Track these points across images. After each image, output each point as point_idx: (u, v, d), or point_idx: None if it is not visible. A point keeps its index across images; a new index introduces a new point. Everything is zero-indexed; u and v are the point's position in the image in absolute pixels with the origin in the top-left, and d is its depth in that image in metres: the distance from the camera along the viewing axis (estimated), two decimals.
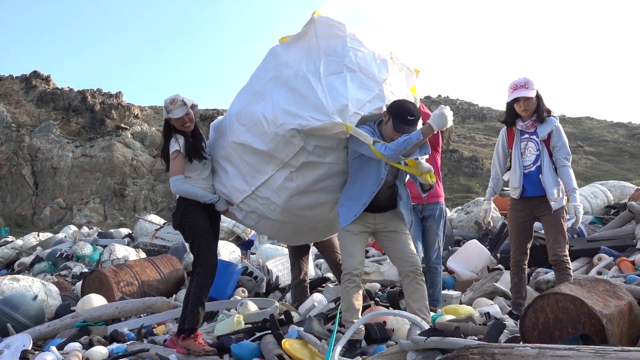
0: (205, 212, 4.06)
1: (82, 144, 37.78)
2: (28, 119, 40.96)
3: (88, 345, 4.30)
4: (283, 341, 3.53)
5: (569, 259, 4.21)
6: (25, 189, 35.84)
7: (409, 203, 3.88)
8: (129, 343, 4.30)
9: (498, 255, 6.55)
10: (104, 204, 34.69)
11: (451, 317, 4.10)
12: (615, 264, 5.50)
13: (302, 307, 4.77)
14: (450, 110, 3.55)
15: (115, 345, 4.24)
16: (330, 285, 5.82)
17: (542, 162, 4.21)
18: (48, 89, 44.70)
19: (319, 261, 7.77)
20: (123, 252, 8.15)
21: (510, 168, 4.42)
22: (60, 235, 12.23)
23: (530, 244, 4.47)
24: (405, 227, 3.84)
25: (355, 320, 3.58)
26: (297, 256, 5.04)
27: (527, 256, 4.45)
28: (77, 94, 43.86)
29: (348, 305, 3.64)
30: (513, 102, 4.24)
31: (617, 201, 8.65)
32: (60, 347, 4.22)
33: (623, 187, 9.23)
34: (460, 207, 9.93)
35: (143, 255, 8.41)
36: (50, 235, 12.84)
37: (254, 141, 3.84)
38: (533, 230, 4.48)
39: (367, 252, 8.19)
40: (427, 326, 3.34)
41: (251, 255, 8.98)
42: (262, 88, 3.94)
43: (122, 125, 40.12)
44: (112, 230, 13.08)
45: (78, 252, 9.37)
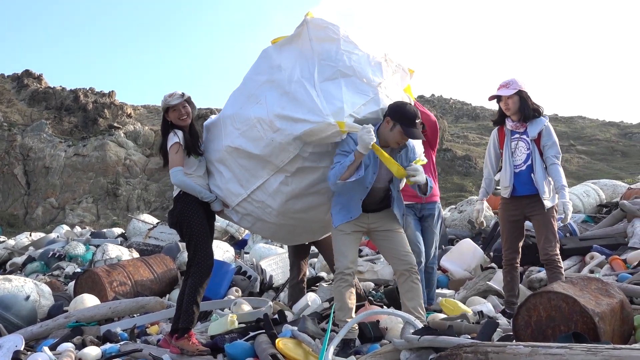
0: (204, 210, 4.05)
1: (74, 143, 37.54)
2: (20, 118, 40.67)
3: (81, 346, 4.29)
4: (277, 341, 3.52)
5: (560, 257, 4.23)
6: (17, 188, 35.60)
7: (401, 206, 3.88)
8: (122, 343, 4.28)
9: (491, 254, 6.58)
10: (97, 204, 34.51)
11: (444, 315, 4.12)
12: (607, 262, 5.52)
13: (296, 306, 4.77)
14: (367, 129, 3.40)
15: (108, 346, 4.23)
16: (324, 285, 5.83)
17: (534, 161, 4.23)
18: (40, 88, 44.38)
19: (313, 260, 7.77)
20: (116, 251, 8.12)
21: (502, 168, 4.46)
22: (53, 235, 12.17)
23: (522, 243, 4.50)
24: (399, 226, 3.84)
25: (349, 319, 3.58)
26: (298, 256, 5.02)
27: (519, 255, 4.48)
28: (70, 93, 43.53)
29: (341, 305, 3.65)
30: (499, 102, 4.33)
31: (609, 200, 8.69)
32: (52, 348, 4.20)
33: (615, 186, 9.29)
34: (453, 206, 9.95)
35: (136, 255, 8.38)
36: (42, 235, 12.78)
37: (248, 146, 3.83)
38: (524, 229, 4.51)
39: (361, 251, 8.20)
40: (420, 325, 3.35)
41: (245, 255, 8.98)
42: (256, 91, 3.91)
43: (115, 124, 39.87)
44: (105, 230, 13.03)
45: (71, 252, 9.32)
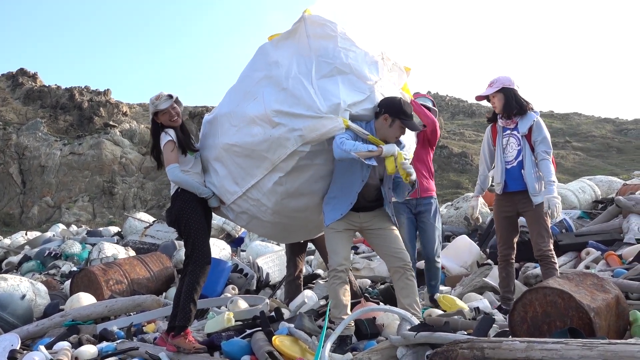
0: (202, 208, 4.04)
1: (70, 142, 37.44)
2: (15, 116, 40.53)
3: (77, 344, 4.29)
4: (273, 338, 3.53)
5: (553, 253, 4.24)
6: (12, 187, 35.48)
7: (390, 206, 3.89)
8: (118, 342, 4.29)
9: (487, 250, 6.60)
10: (93, 202, 34.43)
11: (440, 312, 4.13)
12: (602, 258, 5.54)
13: (292, 303, 4.77)
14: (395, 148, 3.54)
15: (104, 344, 4.23)
16: (321, 282, 5.83)
17: (524, 157, 4.25)
18: (35, 87, 44.23)
19: (309, 258, 7.78)
20: (112, 250, 8.11)
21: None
22: (49, 234, 12.14)
23: (516, 239, 4.51)
24: (392, 224, 3.85)
25: (344, 316, 3.58)
26: (294, 253, 5.02)
27: (514, 251, 4.49)
28: (65, 91, 43.38)
29: (336, 302, 3.65)
30: (489, 100, 4.40)
31: (605, 196, 8.72)
32: (49, 347, 4.20)
33: (610, 182, 9.33)
34: (449, 203, 9.98)
35: (132, 253, 8.37)
36: (38, 234, 12.76)
37: (245, 141, 3.82)
38: (519, 225, 4.52)
39: (358, 248, 8.22)
40: (417, 321, 3.36)
41: (241, 253, 8.99)
42: (253, 88, 3.90)
43: (111, 122, 39.77)
44: (101, 229, 12.99)
45: (67, 250, 9.30)
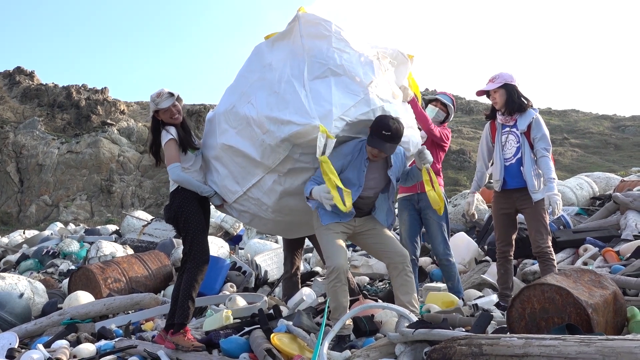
0: (201, 206, 4.04)
1: (67, 140, 37.40)
2: (12, 115, 40.46)
3: (75, 343, 4.28)
4: (272, 335, 3.53)
5: (552, 249, 4.25)
6: (10, 186, 35.43)
7: (389, 214, 3.87)
8: (116, 340, 4.28)
9: (485, 247, 6.61)
10: (91, 201, 34.40)
11: (438, 308, 4.13)
12: (600, 254, 5.56)
13: (290, 301, 4.77)
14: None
15: (103, 342, 4.23)
16: (319, 279, 5.83)
17: (523, 154, 4.25)
18: (32, 85, 44.16)
19: (308, 255, 7.79)
20: (110, 248, 8.10)
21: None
22: (47, 233, 12.12)
23: (515, 235, 4.51)
24: (384, 226, 3.83)
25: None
26: (291, 250, 5.01)
27: (513, 247, 4.49)
28: (62, 89, 43.32)
29: (336, 305, 3.60)
30: (489, 96, 4.39)
31: (603, 192, 8.74)
32: (47, 345, 4.20)
33: (608, 179, 9.34)
34: (447, 200, 9.97)
35: (130, 251, 8.36)
36: (36, 232, 12.74)
37: (242, 145, 3.82)
38: (517, 222, 4.52)
39: (355, 246, 8.21)
40: (415, 318, 3.35)
41: (239, 250, 8.98)
42: (248, 89, 3.89)
43: (108, 121, 39.72)
44: (99, 227, 12.98)
45: (65, 249, 9.29)
